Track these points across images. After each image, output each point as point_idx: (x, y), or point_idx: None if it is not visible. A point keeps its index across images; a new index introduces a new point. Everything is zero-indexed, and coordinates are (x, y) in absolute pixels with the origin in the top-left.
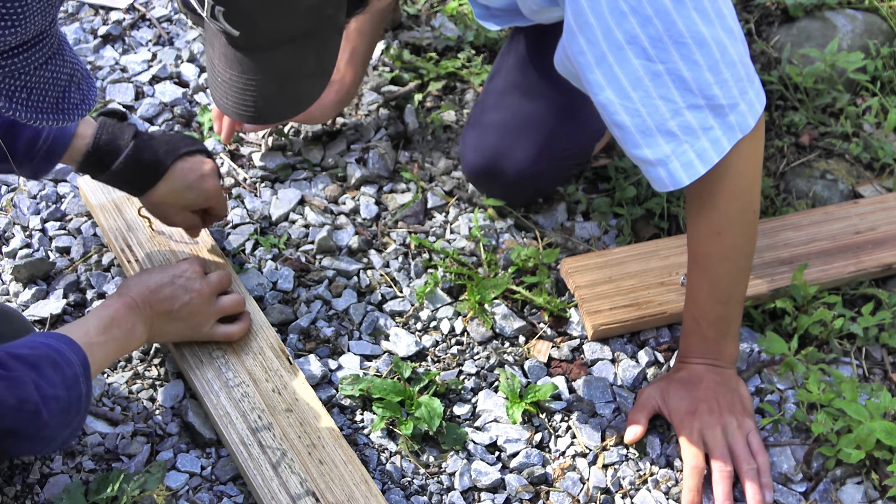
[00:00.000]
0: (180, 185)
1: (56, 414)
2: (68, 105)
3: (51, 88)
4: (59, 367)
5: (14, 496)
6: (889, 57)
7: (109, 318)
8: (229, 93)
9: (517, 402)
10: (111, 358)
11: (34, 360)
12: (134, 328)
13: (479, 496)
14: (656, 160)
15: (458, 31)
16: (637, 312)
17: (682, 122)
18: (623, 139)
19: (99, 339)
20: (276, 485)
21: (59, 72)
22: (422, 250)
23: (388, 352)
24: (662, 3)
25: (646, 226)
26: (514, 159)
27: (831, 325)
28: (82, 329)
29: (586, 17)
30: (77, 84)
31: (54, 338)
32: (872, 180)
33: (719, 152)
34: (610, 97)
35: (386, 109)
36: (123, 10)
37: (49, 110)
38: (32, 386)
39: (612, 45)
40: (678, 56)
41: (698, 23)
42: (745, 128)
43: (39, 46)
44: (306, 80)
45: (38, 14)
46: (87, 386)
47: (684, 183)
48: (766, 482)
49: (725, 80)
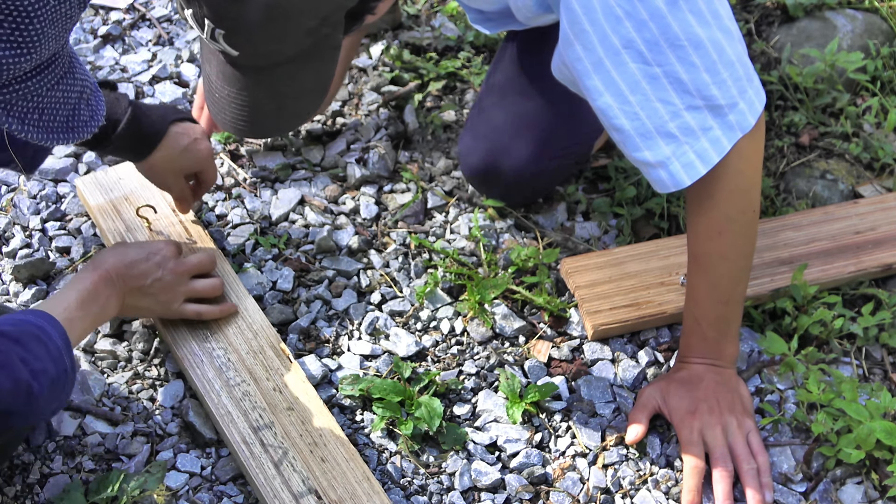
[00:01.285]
0: (175, 149)
1: (46, 388)
2: (78, 122)
3: (61, 107)
4: (42, 342)
5: (14, 496)
6: (889, 57)
7: (87, 292)
8: (227, 109)
9: (517, 402)
10: (88, 331)
11: (17, 336)
12: (108, 302)
13: (479, 496)
14: (657, 162)
15: (458, 31)
16: (637, 312)
17: (681, 124)
18: (623, 143)
19: (78, 313)
20: (279, 483)
21: (70, 90)
22: (422, 250)
23: (388, 352)
24: (657, 7)
25: (646, 226)
26: (512, 159)
27: (831, 325)
28: (62, 304)
29: (582, 24)
30: (86, 100)
31: (33, 314)
32: (872, 180)
33: (719, 152)
34: (608, 102)
35: (386, 109)
36: (123, 10)
37: (60, 129)
38: (20, 363)
39: (608, 51)
40: (675, 58)
41: (694, 24)
42: (745, 126)
43: (52, 68)
44: (305, 96)
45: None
46: (70, 360)
47: (686, 184)
48: (766, 482)
49: (724, 80)
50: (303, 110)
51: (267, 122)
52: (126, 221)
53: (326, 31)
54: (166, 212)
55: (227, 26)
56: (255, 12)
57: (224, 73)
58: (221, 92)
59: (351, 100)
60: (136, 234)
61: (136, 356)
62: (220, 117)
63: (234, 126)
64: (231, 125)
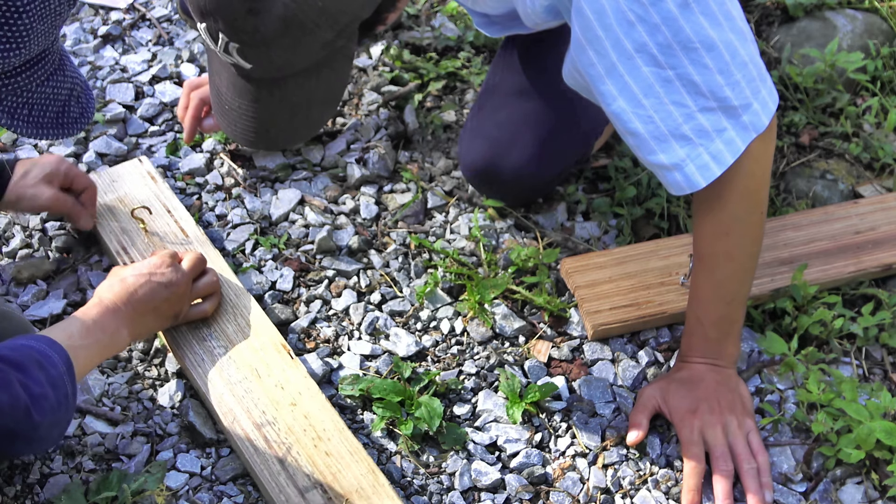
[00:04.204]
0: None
1: (46, 412)
2: (68, 119)
3: (51, 104)
4: (43, 368)
5: (14, 496)
6: (889, 57)
7: (92, 322)
8: (239, 121)
9: (517, 402)
10: (95, 361)
11: (17, 361)
12: (118, 331)
13: (479, 496)
14: (672, 165)
15: (458, 31)
16: (637, 312)
17: (695, 126)
18: (638, 146)
19: (82, 342)
20: (284, 479)
21: (60, 87)
22: (422, 250)
23: (388, 352)
24: (669, 10)
25: (646, 226)
26: (512, 159)
27: (831, 325)
28: (65, 332)
29: (595, 31)
30: (77, 98)
31: (35, 339)
32: (872, 180)
33: (734, 153)
34: (622, 106)
35: (386, 109)
36: (123, 10)
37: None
38: (19, 386)
39: (621, 55)
40: (688, 61)
41: (706, 27)
42: (759, 127)
43: (42, 64)
44: (317, 106)
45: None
46: (72, 387)
47: (701, 185)
48: (766, 482)
49: (737, 81)
50: (315, 121)
51: (279, 133)
52: (122, 224)
53: (341, 43)
54: (161, 212)
55: (242, 40)
56: (271, 25)
57: (236, 86)
58: (232, 104)
59: (351, 100)
60: (132, 235)
61: (136, 356)
62: (230, 129)
63: (245, 138)
64: (242, 137)
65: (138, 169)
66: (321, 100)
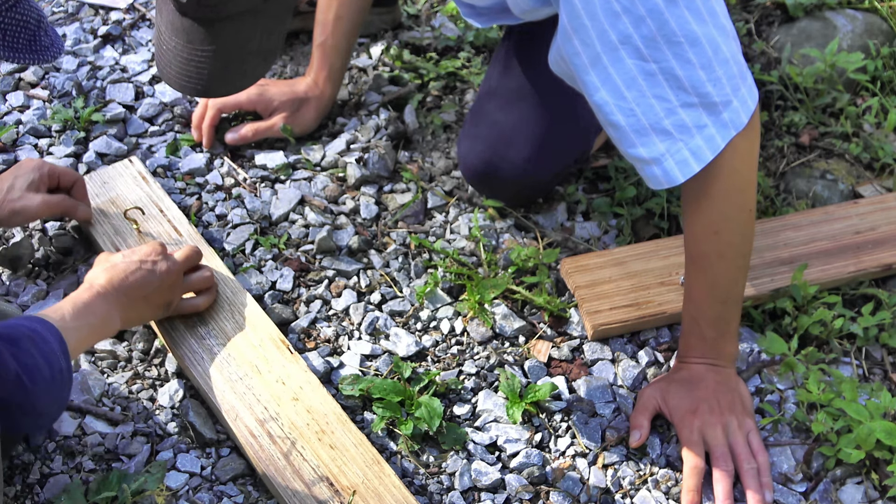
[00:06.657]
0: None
1: (40, 384)
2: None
3: (22, 31)
4: (35, 343)
5: (14, 496)
6: (889, 57)
7: (83, 305)
8: (173, 62)
9: (517, 402)
10: (86, 343)
11: (9, 335)
12: (109, 315)
13: (479, 496)
14: (651, 158)
15: (458, 31)
16: (637, 312)
17: (676, 121)
18: (618, 139)
19: (73, 323)
20: (290, 473)
21: (28, 15)
22: (422, 250)
23: (388, 352)
24: (655, 3)
25: (646, 226)
26: (511, 160)
27: (831, 325)
28: (58, 313)
29: (581, 19)
30: (44, 29)
31: (27, 319)
32: (872, 180)
33: (714, 150)
34: (605, 97)
35: (386, 109)
36: (123, 10)
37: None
38: (10, 356)
39: (606, 46)
40: (671, 55)
41: (691, 21)
42: (739, 125)
43: None
44: (251, 57)
45: None
46: (66, 362)
47: (679, 180)
48: (766, 482)
49: (718, 77)
50: (249, 72)
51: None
52: (114, 225)
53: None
54: (154, 212)
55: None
56: None
57: (173, 24)
58: (169, 44)
59: (351, 100)
60: (125, 236)
61: (136, 356)
62: (165, 71)
63: (177, 82)
64: (175, 80)
65: (129, 170)
66: (255, 50)
